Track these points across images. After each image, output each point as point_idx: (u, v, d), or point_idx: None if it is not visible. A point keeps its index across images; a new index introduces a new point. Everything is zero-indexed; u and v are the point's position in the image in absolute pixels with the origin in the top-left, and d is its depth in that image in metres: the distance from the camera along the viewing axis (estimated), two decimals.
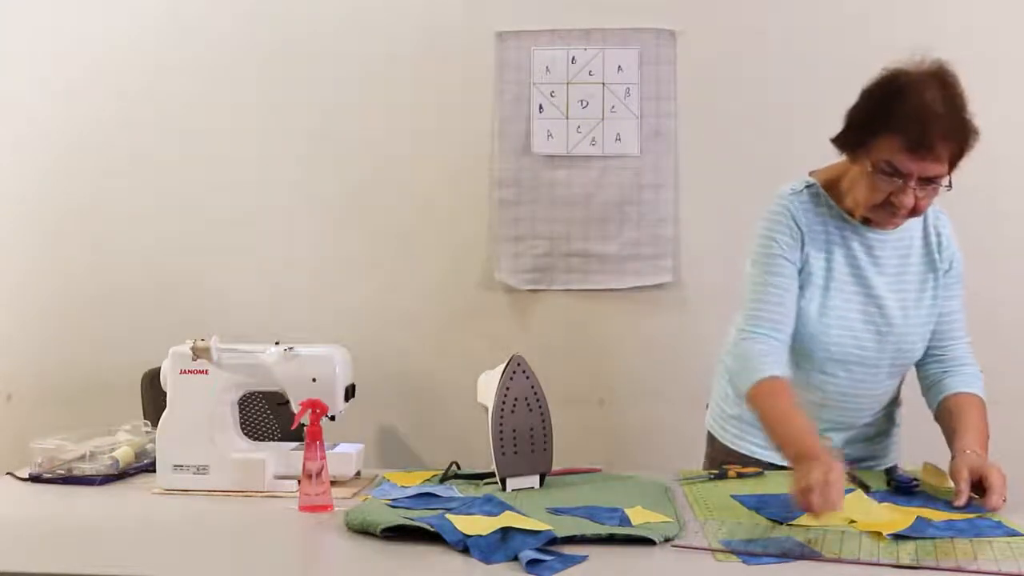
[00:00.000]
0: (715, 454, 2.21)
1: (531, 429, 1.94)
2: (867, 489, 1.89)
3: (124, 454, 2.08)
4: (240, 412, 2.08)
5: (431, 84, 3.17)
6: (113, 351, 3.20)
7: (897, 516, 1.70)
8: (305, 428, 1.86)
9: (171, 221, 3.24)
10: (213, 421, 1.99)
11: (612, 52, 3.13)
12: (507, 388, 1.93)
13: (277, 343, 2.02)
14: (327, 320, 3.17)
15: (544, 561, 1.48)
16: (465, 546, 1.54)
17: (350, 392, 2.04)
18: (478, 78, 3.15)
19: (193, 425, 1.97)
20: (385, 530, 1.62)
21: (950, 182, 1.85)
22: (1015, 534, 1.62)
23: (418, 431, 3.23)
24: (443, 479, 2.00)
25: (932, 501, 1.81)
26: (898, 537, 1.60)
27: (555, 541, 1.56)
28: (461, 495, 1.86)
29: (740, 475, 2.02)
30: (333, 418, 1.95)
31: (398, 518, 1.65)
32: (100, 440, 2.12)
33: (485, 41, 3.15)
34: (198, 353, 1.99)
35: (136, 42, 3.23)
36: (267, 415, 2.73)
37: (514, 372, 1.94)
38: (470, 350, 3.11)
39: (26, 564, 1.54)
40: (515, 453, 1.92)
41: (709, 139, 3.11)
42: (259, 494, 1.94)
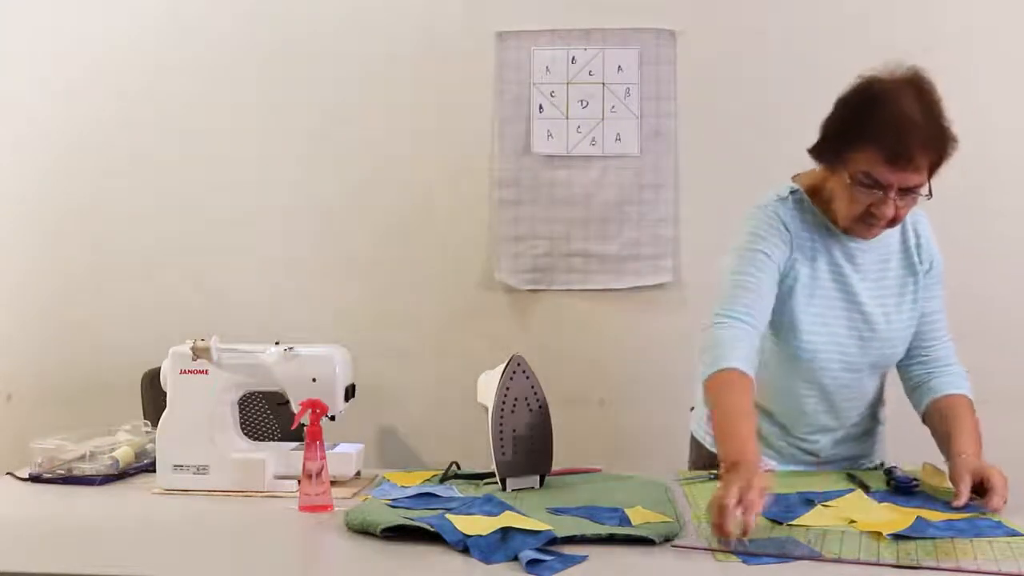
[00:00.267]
0: (699, 459, 2.20)
1: (531, 429, 1.94)
2: (867, 489, 1.89)
3: (124, 454, 2.08)
4: (240, 412, 2.08)
5: (431, 84, 3.17)
6: (113, 351, 3.20)
7: (897, 516, 1.70)
8: (305, 428, 1.86)
9: (171, 221, 3.24)
10: (213, 421, 1.99)
11: (612, 52, 3.13)
12: (507, 388, 1.93)
13: (277, 343, 2.02)
14: (327, 320, 3.17)
15: (544, 561, 1.48)
16: (465, 546, 1.54)
17: (350, 392, 2.04)
18: (478, 78, 3.15)
19: (193, 425, 1.97)
20: (385, 530, 1.62)
21: (930, 190, 1.82)
22: (1015, 534, 1.62)
23: (418, 431, 3.23)
24: (443, 479, 2.00)
25: (932, 501, 1.81)
26: (898, 537, 1.60)
27: (555, 541, 1.56)
28: (461, 495, 1.86)
29: None
30: (333, 418, 1.95)
31: (398, 518, 1.65)
32: (100, 440, 2.12)
33: (485, 41, 3.15)
34: (198, 353, 1.99)
35: (136, 42, 3.23)
36: (267, 415, 2.73)
37: (514, 372, 1.94)
38: (470, 350, 3.10)
39: (26, 564, 1.54)
40: (515, 453, 1.92)
41: (709, 139, 3.11)
42: (259, 494, 1.94)
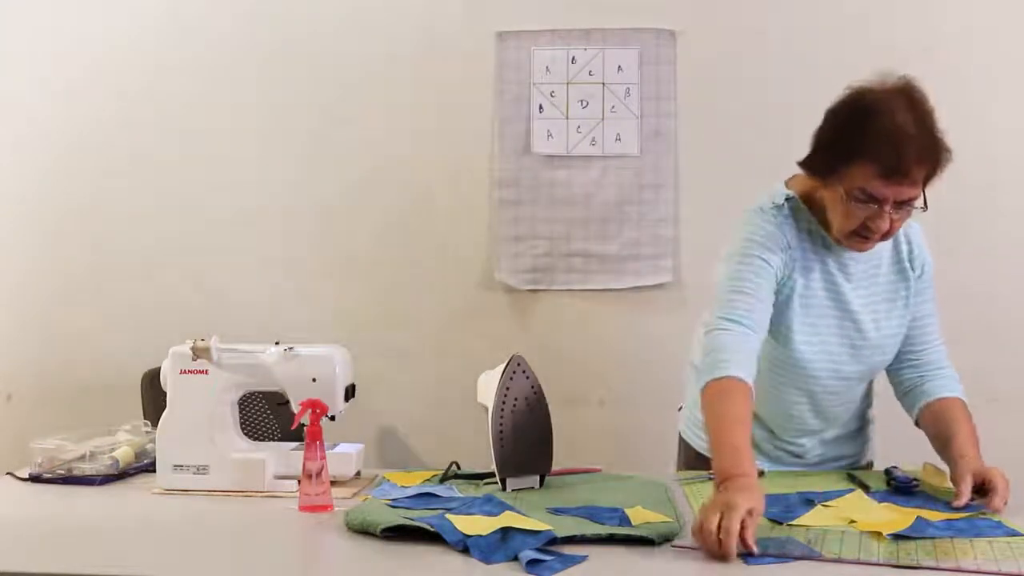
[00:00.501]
0: (689, 460, 2.20)
1: (531, 429, 1.94)
2: (867, 489, 1.89)
3: (124, 454, 2.08)
4: (240, 412, 2.08)
5: (431, 84, 3.17)
6: (113, 351, 3.20)
7: (897, 516, 1.70)
8: (305, 428, 1.86)
9: (171, 221, 3.24)
10: (213, 421, 1.99)
11: (612, 52, 3.13)
12: (507, 388, 1.93)
13: (277, 343, 2.01)
14: (327, 320, 3.17)
15: (544, 561, 1.48)
16: (465, 546, 1.54)
17: (350, 392, 2.04)
18: (478, 78, 3.15)
19: (193, 425, 1.97)
20: (385, 530, 1.62)
21: (925, 202, 1.81)
22: (1015, 534, 1.62)
23: (418, 431, 3.23)
24: (443, 479, 2.00)
25: (932, 501, 1.81)
26: (898, 537, 1.60)
27: (555, 541, 1.56)
28: (461, 495, 1.86)
29: None
30: (333, 418, 1.95)
31: (398, 518, 1.65)
32: (100, 440, 2.12)
33: (485, 41, 3.15)
34: (198, 353, 1.98)
35: (136, 42, 3.23)
36: (267, 415, 2.73)
37: (514, 372, 1.94)
38: (470, 350, 3.10)
39: (26, 564, 1.54)
40: (515, 453, 1.92)
41: (709, 139, 3.11)
42: (259, 494, 1.94)
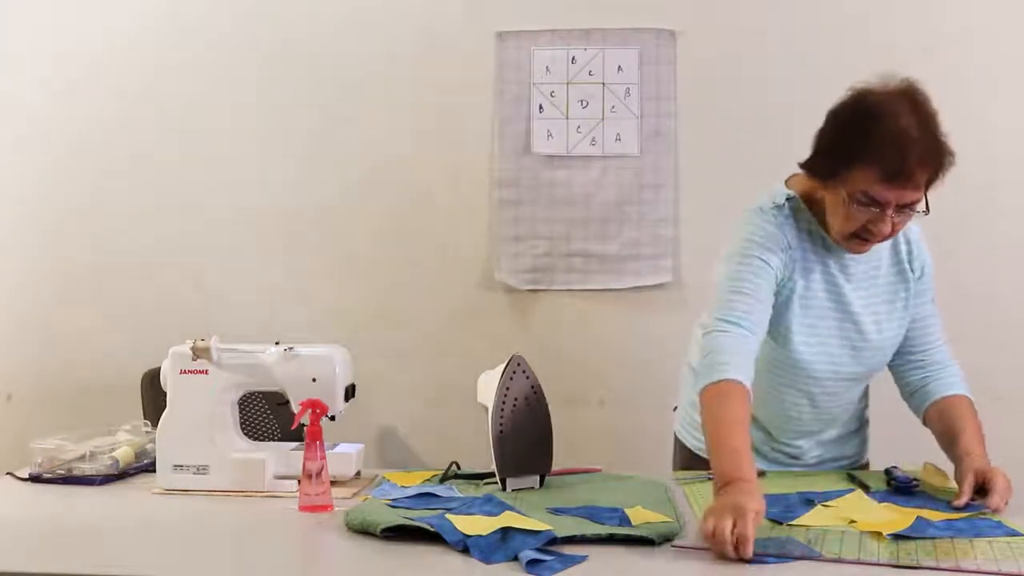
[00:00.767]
0: (684, 460, 2.20)
1: (531, 429, 1.94)
2: (867, 489, 1.89)
3: (124, 454, 2.08)
4: (240, 412, 2.08)
5: (431, 84, 3.17)
6: (113, 351, 3.20)
7: (897, 516, 1.70)
8: (305, 428, 1.86)
9: (171, 221, 3.24)
10: (213, 421, 1.99)
11: (612, 52, 3.13)
12: (507, 388, 1.93)
13: (277, 343, 2.01)
14: (327, 320, 3.17)
15: (544, 561, 1.48)
16: (465, 546, 1.54)
17: (350, 392, 2.04)
18: (478, 78, 3.15)
19: (193, 425, 1.97)
20: (385, 530, 1.62)
21: (927, 205, 1.80)
22: (1015, 534, 1.62)
23: (418, 431, 3.23)
24: (443, 479, 2.00)
25: (932, 501, 1.81)
26: (898, 537, 1.60)
27: (555, 541, 1.56)
28: (461, 495, 1.86)
29: None
30: (333, 418, 1.95)
31: (398, 518, 1.65)
32: (100, 440, 2.12)
33: (485, 41, 3.15)
34: (198, 353, 1.98)
35: (136, 42, 3.22)
36: (267, 415, 2.73)
37: (514, 372, 1.94)
38: (470, 350, 3.10)
39: (26, 564, 1.54)
40: (515, 453, 1.92)
41: (709, 139, 3.10)
42: (259, 494, 1.94)
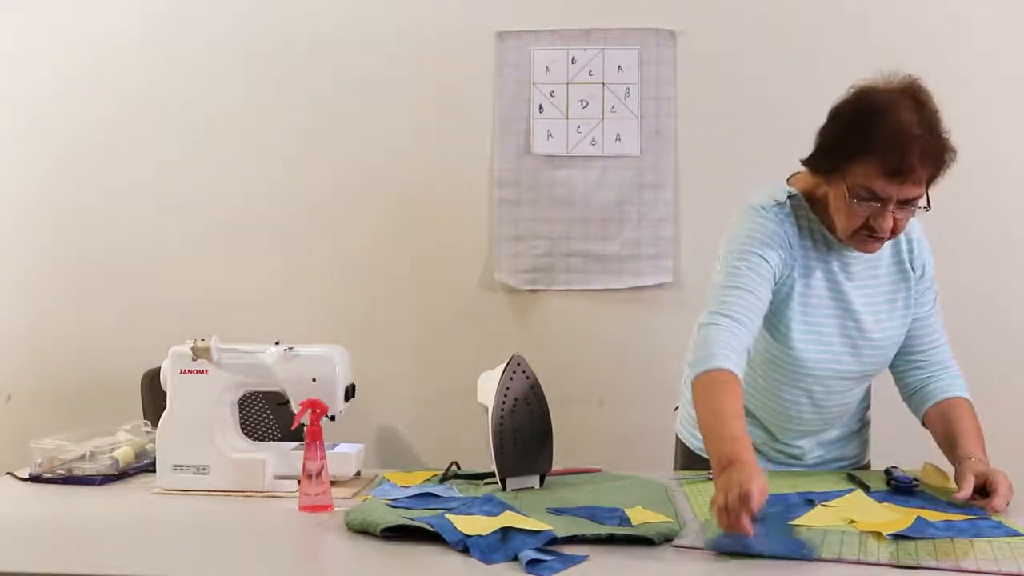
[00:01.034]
0: (685, 460, 2.20)
1: (531, 429, 1.94)
2: (867, 489, 1.89)
3: (124, 454, 2.08)
4: (240, 412, 2.08)
5: (431, 84, 3.17)
6: (113, 351, 3.20)
7: (897, 516, 1.70)
8: (305, 428, 1.86)
9: (171, 221, 3.24)
10: (213, 421, 1.99)
11: (612, 52, 3.13)
12: (507, 388, 1.93)
13: (277, 343, 2.01)
14: (327, 320, 3.17)
15: (544, 561, 1.48)
16: (465, 546, 1.54)
17: (350, 392, 2.04)
18: (478, 78, 3.15)
19: (193, 425, 1.97)
20: (385, 530, 1.62)
21: (928, 202, 1.80)
22: (1015, 534, 1.62)
23: (418, 431, 3.23)
24: (443, 479, 2.00)
25: (932, 501, 1.81)
26: (898, 537, 1.60)
27: (555, 541, 1.56)
28: (461, 495, 1.86)
29: None
30: (333, 418, 1.95)
31: (398, 518, 1.65)
32: (100, 440, 2.12)
33: (485, 41, 3.15)
34: (198, 353, 1.98)
35: (136, 42, 3.23)
36: (267, 415, 2.73)
37: (514, 372, 1.94)
38: (470, 350, 3.10)
39: (26, 564, 1.54)
40: (515, 453, 1.92)
41: (709, 139, 3.10)
42: (259, 494, 1.94)
